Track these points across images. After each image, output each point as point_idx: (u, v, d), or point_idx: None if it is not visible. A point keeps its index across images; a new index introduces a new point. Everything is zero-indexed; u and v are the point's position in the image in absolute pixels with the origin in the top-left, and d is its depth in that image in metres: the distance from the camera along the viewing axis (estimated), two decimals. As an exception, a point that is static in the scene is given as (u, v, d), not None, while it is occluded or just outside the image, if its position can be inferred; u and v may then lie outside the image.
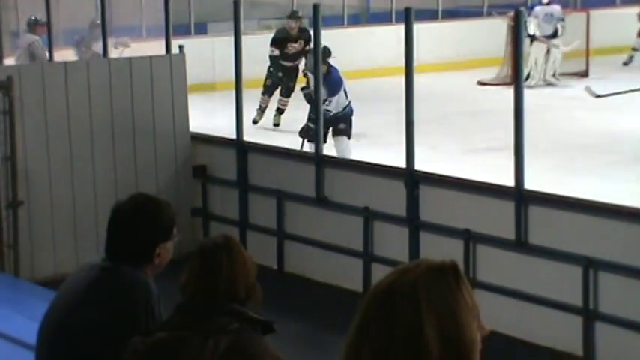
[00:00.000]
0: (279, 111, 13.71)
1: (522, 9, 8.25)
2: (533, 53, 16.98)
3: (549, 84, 17.41)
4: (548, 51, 17.69)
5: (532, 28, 17.01)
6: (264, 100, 13.71)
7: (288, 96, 13.68)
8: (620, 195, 9.48)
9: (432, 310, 1.79)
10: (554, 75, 17.73)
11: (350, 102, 10.87)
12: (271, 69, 13.71)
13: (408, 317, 1.79)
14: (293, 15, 14.14)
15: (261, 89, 13.67)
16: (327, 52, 10.77)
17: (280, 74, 13.62)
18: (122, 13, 16.40)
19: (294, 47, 13.70)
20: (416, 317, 1.79)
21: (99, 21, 11.28)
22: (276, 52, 13.70)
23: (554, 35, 17.67)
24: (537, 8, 17.66)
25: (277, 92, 13.81)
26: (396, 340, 1.79)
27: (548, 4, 17.71)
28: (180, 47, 9.42)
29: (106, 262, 3.60)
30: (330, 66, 10.64)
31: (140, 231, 3.56)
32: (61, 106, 8.64)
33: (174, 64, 9.22)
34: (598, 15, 19.30)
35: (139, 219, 3.58)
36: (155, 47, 11.17)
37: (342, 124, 10.54)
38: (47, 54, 13.63)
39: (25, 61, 13.30)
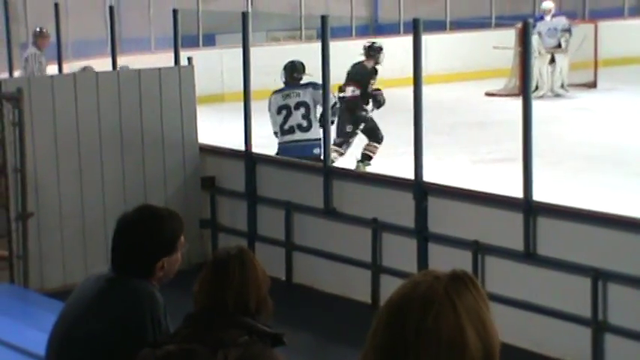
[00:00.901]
0: (368, 158, 11.66)
1: (530, 20, 8.25)
2: (537, 65, 16.98)
3: (557, 95, 17.40)
4: (552, 60, 17.68)
5: (535, 46, 16.98)
6: (341, 152, 11.28)
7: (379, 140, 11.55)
8: (629, 206, 9.47)
9: (467, 317, 1.86)
10: (562, 86, 17.72)
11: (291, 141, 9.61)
12: (355, 113, 11.47)
13: (452, 325, 1.85)
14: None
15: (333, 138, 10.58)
16: (295, 68, 9.94)
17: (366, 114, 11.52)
18: (131, 26, 16.46)
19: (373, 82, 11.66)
20: (459, 324, 1.85)
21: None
22: (357, 92, 11.48)
23: (558, 47, 17.67)
24: (540, 23, 17.64)
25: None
26: (442, 349, 1.84)
27: (551, 19, 17.70)
28: (189, 59, 9.44)
29: (113, 273, 3.60)
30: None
31: (141, 245, 3.55)
32: (70, 117, 8.67)
33: (183, 75, 9.25)
34: (606, 26, 19.31)
35: (140, 233, 3.56)
36: (164, 59, 11.22)
37: None
38: (43, 68, 13.65)
39: (24, 74, 13.18)
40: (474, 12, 20.92)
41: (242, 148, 9.20)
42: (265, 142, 10.17)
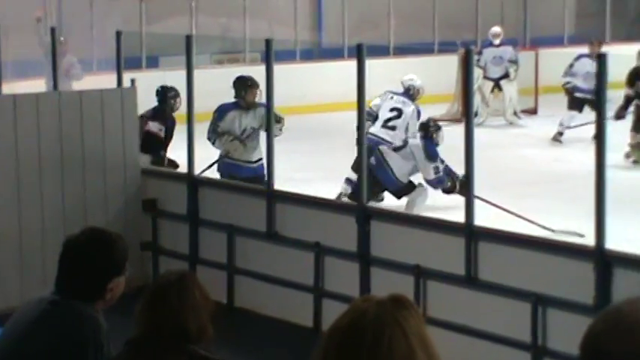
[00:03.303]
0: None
1: (473, 47, 8.33)
2: (479, 92, 17.15)
3: (511, 123, 17.54)
4: (494, 89, 17.84)
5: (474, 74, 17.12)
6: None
7: None
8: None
9: (415, 340, 1.91)
10: (515, 114, 17.87)
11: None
12: None
13: (404, 349, 1.89)
14: None
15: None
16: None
17: None
18: (73, 46, 16.31)
19: None
20: (410, 348, 1.90)
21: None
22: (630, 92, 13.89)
23: (505, 77, 17.80)
24: (486, 51, 17.78)
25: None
26: None
27: (499, 46, 17.85)
28: (132, 81, 9.39)
29: (55, 297, 3.56)
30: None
31: (93, 266, 3.53)
32: (9, 138, 8.56)
33: (125, 97, 9.19)
34: (547, 53, 19.57)
35: (93, 254, 3.55)
36: (106, 80, 11.13)
37: None
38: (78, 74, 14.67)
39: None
40: (418, 37, 21.08)
41: (184, 170, 9.14)
42: (206, 165, 10.14)
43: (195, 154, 9.06)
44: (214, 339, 3.34)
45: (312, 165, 13.11)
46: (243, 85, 10.13)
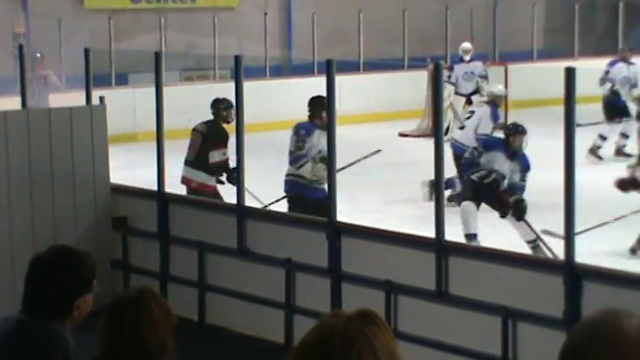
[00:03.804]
0: None
1: (442, 62, 8.36)
2: (451, 108, 17.23)
3: None
4: (465, 104, 17.92)
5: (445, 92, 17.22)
6: None
7: None
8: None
9: (383, 354, 1.91)
10: None
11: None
12: None
13: None
14: None
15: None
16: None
17: None
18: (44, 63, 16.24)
19: None
20: None
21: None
22: None
23: (476, 92, 17.89)
24: (457, 67, 17.87)
25: None
26: None
27: (469, 61, 17.94)
28: (101, 98, 9.36)
29: (22, 315, 3.54)
30: None
31: (60, 284, 3.51)
32: (-23, 156, 8.50)
33: (95, 114, 9.15)
34: (516, 68, 19.70)
35: (59, 271, 3.53)
36: (75, 98, 11.08)
37: None
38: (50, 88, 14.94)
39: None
40: (387, 53, 21.16)
41: (155, 187, 9.12)
42: (178, 183, 10.11)
43: (165, 171, 9.04)
44: (185, 356, 3.33)
45: (282, 181, 13.08)
46: (322, 104, 9.79)
